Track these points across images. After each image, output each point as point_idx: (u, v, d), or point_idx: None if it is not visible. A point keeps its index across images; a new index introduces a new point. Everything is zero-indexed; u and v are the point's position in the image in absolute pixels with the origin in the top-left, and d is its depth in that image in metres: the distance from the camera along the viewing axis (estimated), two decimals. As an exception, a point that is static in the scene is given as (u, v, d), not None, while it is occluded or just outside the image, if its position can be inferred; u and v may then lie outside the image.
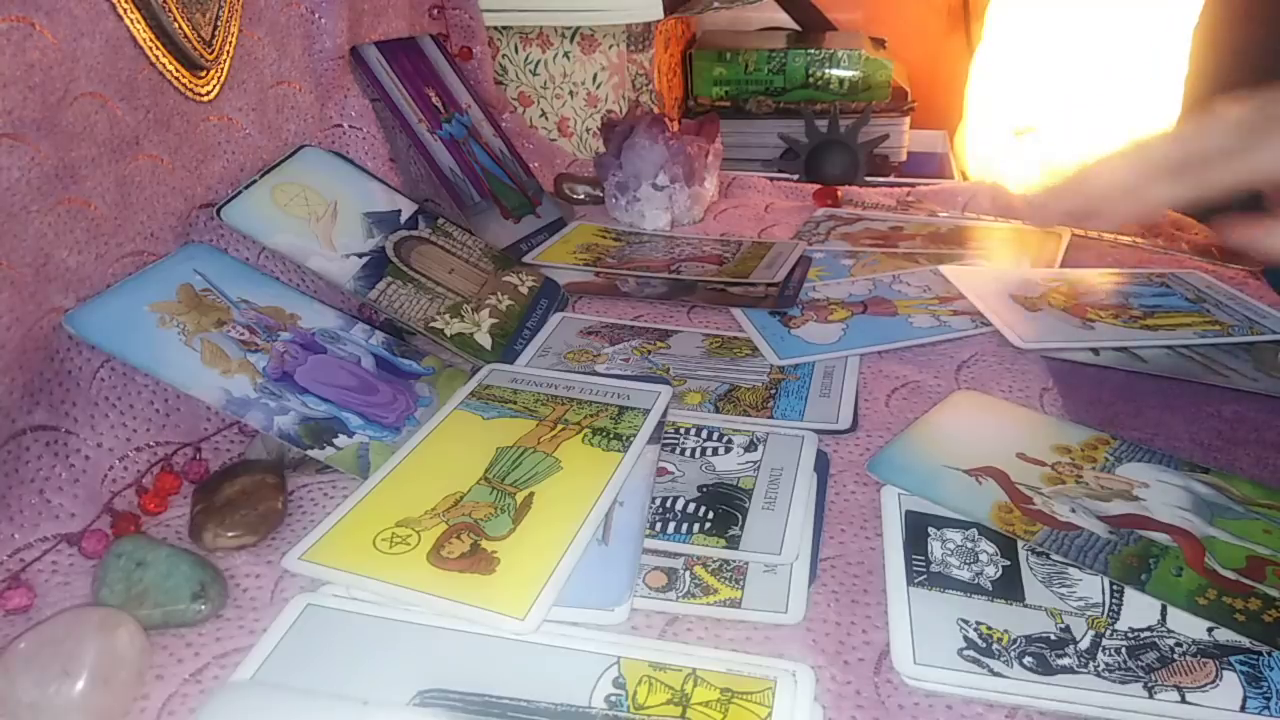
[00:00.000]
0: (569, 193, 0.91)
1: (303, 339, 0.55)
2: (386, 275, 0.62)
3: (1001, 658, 0.38)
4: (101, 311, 0.48)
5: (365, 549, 0.42)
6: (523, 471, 0.48)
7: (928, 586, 0.42)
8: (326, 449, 0.49)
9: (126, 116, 0.52)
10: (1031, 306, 0.69)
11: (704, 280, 0.72)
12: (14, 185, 0.44)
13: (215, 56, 0.59)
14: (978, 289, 0.71)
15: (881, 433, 0.54)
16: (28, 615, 0.40)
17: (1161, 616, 0.40)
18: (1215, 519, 0.45)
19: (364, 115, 0.73)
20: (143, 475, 0.48)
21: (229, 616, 0.41)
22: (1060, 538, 0.44)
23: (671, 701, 0.35)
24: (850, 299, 0.70)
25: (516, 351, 0.62)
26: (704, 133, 0.87)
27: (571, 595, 0.40)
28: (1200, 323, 0.65)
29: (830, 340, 0.64)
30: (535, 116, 1.00)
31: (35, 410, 0.45)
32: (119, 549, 0.41)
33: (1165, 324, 0.65)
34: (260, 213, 0.59)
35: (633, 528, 0.44)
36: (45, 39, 0.45)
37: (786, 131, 1.03)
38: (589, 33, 0.96)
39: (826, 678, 0.38)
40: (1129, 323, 0.65)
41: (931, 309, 0.68)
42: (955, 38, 1.30)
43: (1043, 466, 0.49)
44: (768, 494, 0.47)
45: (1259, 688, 0.37)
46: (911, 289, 0.71)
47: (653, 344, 0.63)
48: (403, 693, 0.36)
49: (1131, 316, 0.66)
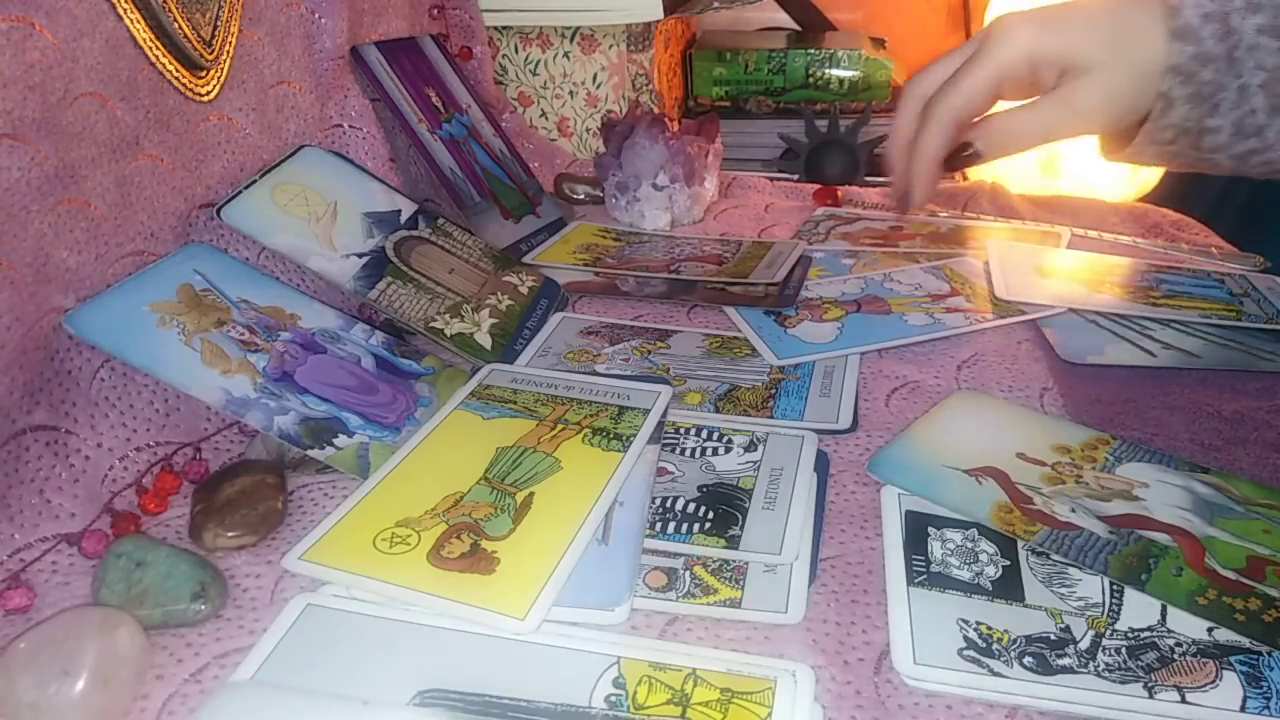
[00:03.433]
0: (569, 193, 0.91)
1: (303, 339, 0.55)
2: (386, 275, 0.62)
3: (1001, 658, 0.38)
4: (101, 311, 0.48)
5: (365, 549, 0.42)
6: (523, 471, 0.48)
7: (928, 586, 0.42)
8: (326, 449, 0.49)
9: (126, 116, 0.52)
10: (1047, 275, 0.70)
11: (704, 280, 0.72)
12: (14, 185, 0.44)
13: (215, 56, 0.59)
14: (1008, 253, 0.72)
15: (881, 433, 0.54)
16: (28, 615, 0.40)
17: (1161, 616, 0.40)
18: (1215, 519, 0.45)
19: (364, 115, 0.73)
20: (143, 475, 0.48)
21: (229, 616, 0.41)
22: (1060, 538, 0.44)
23: (671, 701, 0.35)
24: (843, 298, 0.70)
25: (516, 351, 0.62)
26: (704, 133, 0.87)
27: (571, 595, 0.40)
28: (1219, 309, 0.65)
29: (827, 339, 0.64)
30: (535, 116, 1.00)
31: (35, 410, 0.45)
32: (119, 549, 0.41)
33: (1172, 304, 0.65)
34: (260, 213, 0.59)
35: (633, 528, 0.44)
36: (45, 39, 0.45)
37: (786, 131, 1.03)
38: (589, 33, 0.96)
39: (826, 678, 0.38)
40: (1137, 297, 0.66)
41: (925, 307, 0.68)
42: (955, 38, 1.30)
43: (1043, 466, 0.49)
44: (768, 494, 0.47)
45: (1259, 688, 0.37)
46: (903, 287, 0.71)
47: (653, 344, 0.63)
48: (403, 693, 0.36)
49: (1149, 296, 0.66)
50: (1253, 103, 0.44)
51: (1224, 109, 0.44)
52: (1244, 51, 0.43)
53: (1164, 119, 0.46)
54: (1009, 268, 0.72)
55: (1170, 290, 0.68)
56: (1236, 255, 0.78)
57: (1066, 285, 0.70)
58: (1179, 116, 0.46)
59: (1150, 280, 0.70)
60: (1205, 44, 0.44)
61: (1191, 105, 0.45)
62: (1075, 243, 0.80)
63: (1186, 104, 0.45)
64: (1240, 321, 0.64)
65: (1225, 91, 0.44)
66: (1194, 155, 0.47)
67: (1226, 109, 0.44)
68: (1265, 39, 0.43)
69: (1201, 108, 0.45)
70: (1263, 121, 0.44)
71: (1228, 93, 0.44)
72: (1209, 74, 0.44)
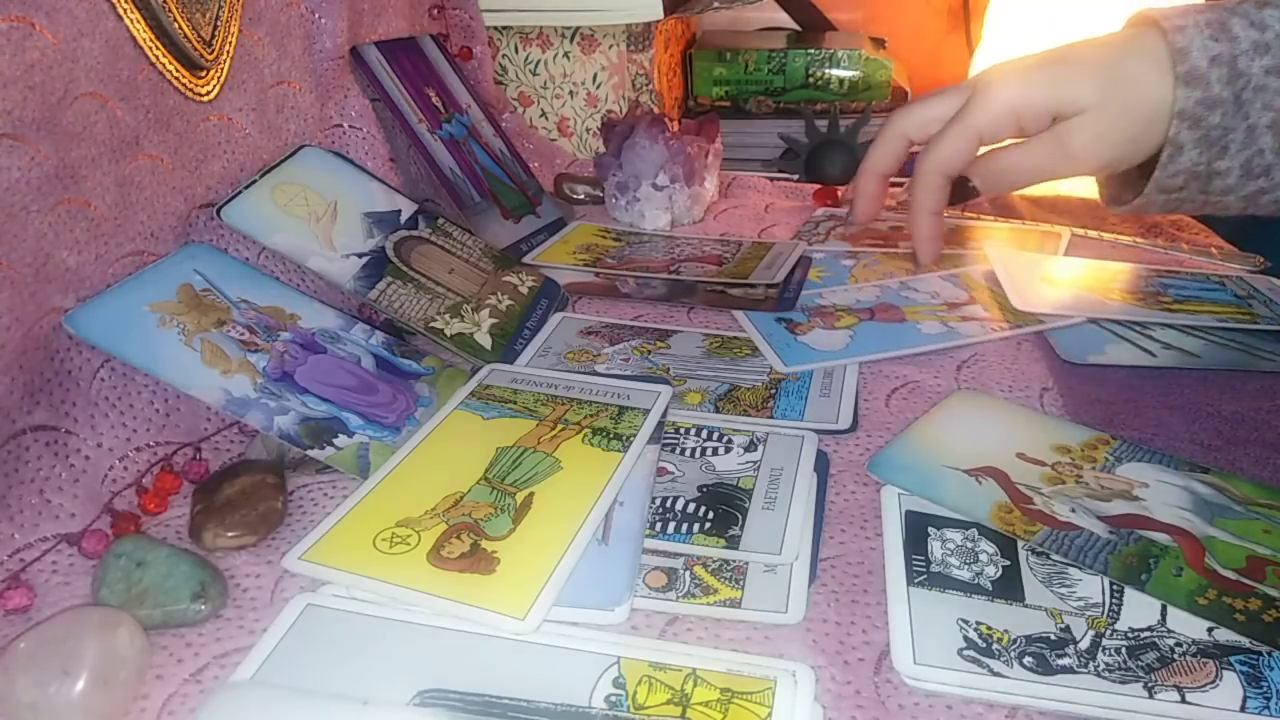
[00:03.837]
0: (569, 193, 0.91)
1: (303, 339, 0.55)
2: (386, 275, 0.62)
3: (1001, 658, 0.38)
4: (101, 311, 0.48)
5: (365, 549, 0.42)
6: (523, 471, 0.48)
7: (928, 586, 0.42)
8: (326, 449, 0.49)
9: (126, 116, 0.52)
10: (1054, 283, 0.69)
11: (704, 282, 0.72)
12: (14, 185, 0.44)
13: (215, 56, 0.59)
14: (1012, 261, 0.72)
15: (881, 433, 0.54)
16: (28, 615, 0.40)
17: (1161, 616, 0.40)
18: (1215, 519, 0.45)
19: (364, 115, 0.73)
20: (143, 475, 0.48)
21: (229, 616, 0.41)
22: (1060, 538, 0.44)
23: (671, 701, 0.35)
24: (858, 305, 0.69)
25: (516, 351, 0.62)
26: (704, 133, 0.87)
27: (571, 595, 0.40)
28: (1230, 312, 0.65)
29: (837, 347, 0.63)
30: (535, 116, 1.00)
31: (35, 410, 0.45)
32: (119, 549, 0.41)
33: (1186, 309, 0.65)
34: (260, 213, 0.59)
35: (633, 528, 0.44)
36: (45, 39, 0.45)
37: (786, 131, 1.03)
38: (589, 33, 0.96)
39: (826, 678, 0.38)
40: (1150, 304, 0.65)
41: (940, 315, 0.67)
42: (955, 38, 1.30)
43: (1043, 466, 0.49)
44: (768, 494, 0.47)
45: (1259, 688, 0.37)
46: (920, 295, 0.70)
47: (653, 344, 0.63)
48: (403, 693, 0.36)
49: (1159, 301, 0.66)
50: (1260, 143, 0.44)
51: (1232, 151, 0.44)
52: (1252, 93, 0.43)
53: (1173, 165, 0.46)
54: (1017, 276, 0.71)
55: (1178, 295, 0.68)
56: (1236, 255, 0.78)
57: (1077, 294, 0.69)
58: (1188, 161, 0.45)
59: (1156, 285, 0.70)
60: (1213, 88, 0.44)
61: (1200, 149, 0.45)
62: (1075, 243, 0.80)
63: (1195, 148, 0.45)
64: (1257, 324, 0.63)
65: (1233, 134, 0.44)
66: (1202, 200, 0.47)
67: (1235, 151, 0.44)
68: (1273, 79, 0.43)
69: (1210, 151, 0.45)
70: (1270, 161, 0.44)
71: (1236, 134, 0.44)
72: (1217, 118, 0.44)
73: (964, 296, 0.70)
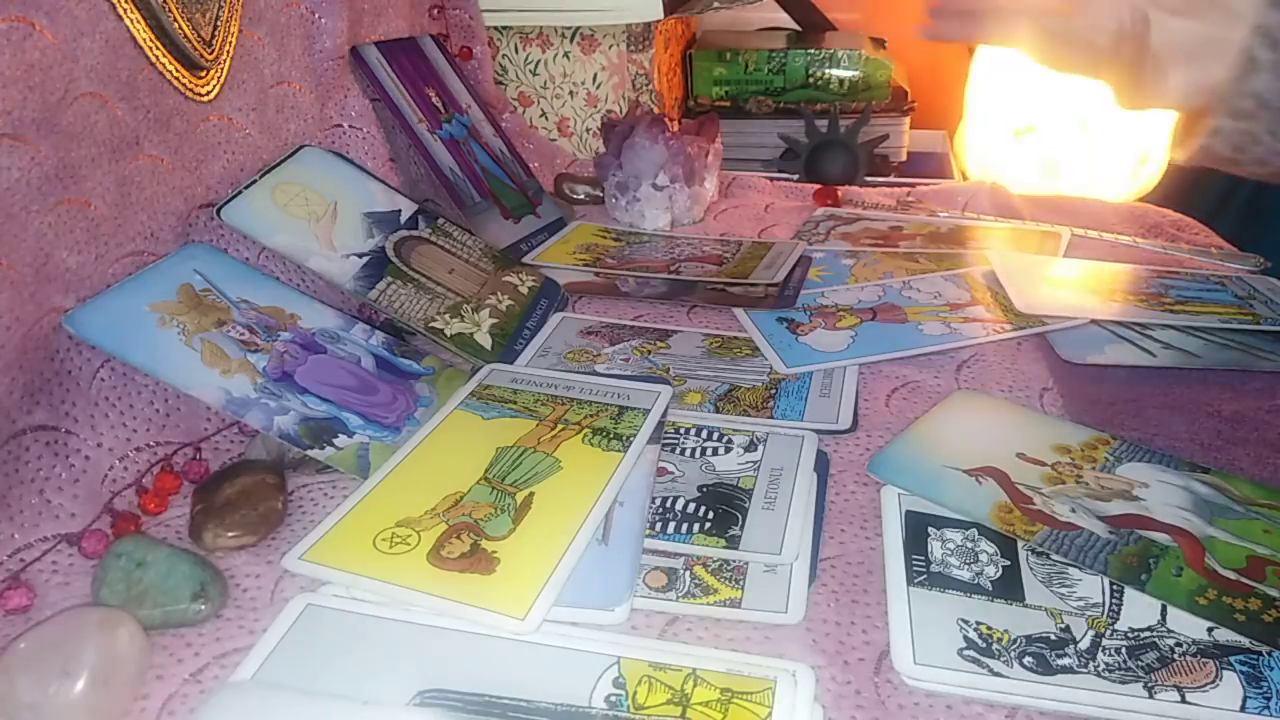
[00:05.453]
0: (569, 193, 0.91)
1: (303, 339, 0.55)
2: (386, 275, 0.62)
3: (1001, 658, 0.38)
4: (101, 311, 0.48)
5: (365, 549, 0.42)
6: (523, 471, 0.48)
7: (928, 586, 0.42)
8: (326, 449, 0.49)
9: (126, 116, 0.52)
10: (1056, 285, 0.69)
11: (704, 280, 0.72)
12: (14, 185, 0.44)
13: (215, 56, 0.59)
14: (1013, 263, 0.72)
15: (881, 433, 0.54)
16: (28, 615, 0.40)
17: (1161, 616, 0.40)
18: (1215, 519, 0.45)
19: (364, 115, 0.73)
20: (143, 475, 0.48)
21: (229, 616, 0.41)
22: (1060, 538, 0.44)
23: (671, 701, 0.35)
24: (859, 305, 0.69)
25: (516, 351, 0.62)
26: (704, 133, 0.87)
27: (571, 595, 0.40)
28: (1232, 312, 0.65)
29: (839, 348, 0.63)
30: (535, 116, 1.00)
31: (35, 410, 0.45)
32: (119, 549, 0.41)
33: (1190, 310, 0.65)
34: (260, 213, 0.59)
35: (633, 528, 0.44)
36: (45, 39, 0.45)
37: (786, 131, 1.03)
38: (589, 33, 0.96)
39: (826, 678, 0.38)
40: (1152, 305, 0.65)
41: (942, 316, 0.67)
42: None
43: (1043, 466, 0.49)
44: (768, 494, 0.47)
45: (1259, 688, 0.37)
46: (922, 295, 0.70)
47: (653, 344, 0.63)
48: (403, 693, 0.36)
49: (1163, 303, 0.66)
50: None
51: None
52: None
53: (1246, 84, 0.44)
54: (1019, 278, 0.71)
55: (1179, 296, 0.68)
56: (1236, 255, 0.78)
57: (1079, 296, 0.69)
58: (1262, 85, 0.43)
59: (1157, 286, 0.70)
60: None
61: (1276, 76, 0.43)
62: (1075, 243, 0.80)
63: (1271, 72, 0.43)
64: (1260, 325, 0.63)
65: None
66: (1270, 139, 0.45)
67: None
68: None
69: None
70: None
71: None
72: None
73: (966, 297, 0.70)
